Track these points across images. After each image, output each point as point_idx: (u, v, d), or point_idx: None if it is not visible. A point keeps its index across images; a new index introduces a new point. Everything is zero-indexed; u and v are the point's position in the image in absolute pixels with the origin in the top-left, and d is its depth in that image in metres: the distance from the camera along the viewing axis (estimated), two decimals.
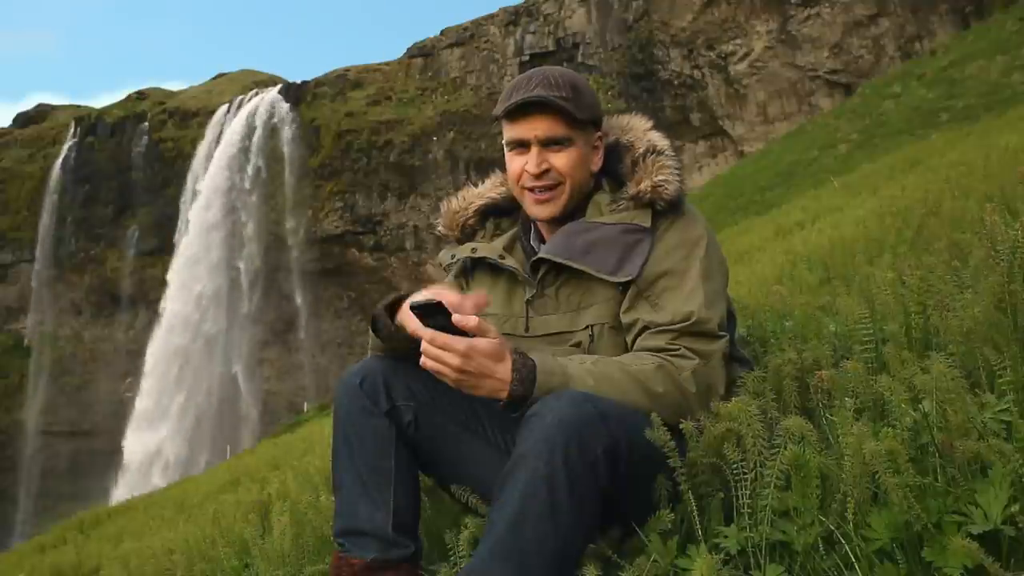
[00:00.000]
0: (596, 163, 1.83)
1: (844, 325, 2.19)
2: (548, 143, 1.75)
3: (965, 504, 1.25)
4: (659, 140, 1.83)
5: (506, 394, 1.50)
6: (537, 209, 1.80)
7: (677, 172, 1.77)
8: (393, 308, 1.79)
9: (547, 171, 1.76)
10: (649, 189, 1.74)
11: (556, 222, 1.82)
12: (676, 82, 39.75)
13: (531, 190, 1.78)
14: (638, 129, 1.86)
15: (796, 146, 26.15)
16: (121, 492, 33.95)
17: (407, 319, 1.68)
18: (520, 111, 1.75)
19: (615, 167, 1.84)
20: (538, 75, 1.77)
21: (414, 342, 1.60)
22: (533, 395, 1.50)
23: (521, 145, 1.77)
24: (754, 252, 8.73)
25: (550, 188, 1.77)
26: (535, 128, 1.74)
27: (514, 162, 1.79)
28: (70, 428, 45.93)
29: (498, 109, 1.79)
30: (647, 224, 1.73)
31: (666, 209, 1.74)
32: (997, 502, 1.22)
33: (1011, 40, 24.22)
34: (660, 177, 1.75)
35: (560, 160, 1.75)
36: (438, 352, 1.51)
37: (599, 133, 1.83)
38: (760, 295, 3.48)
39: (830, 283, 3.75)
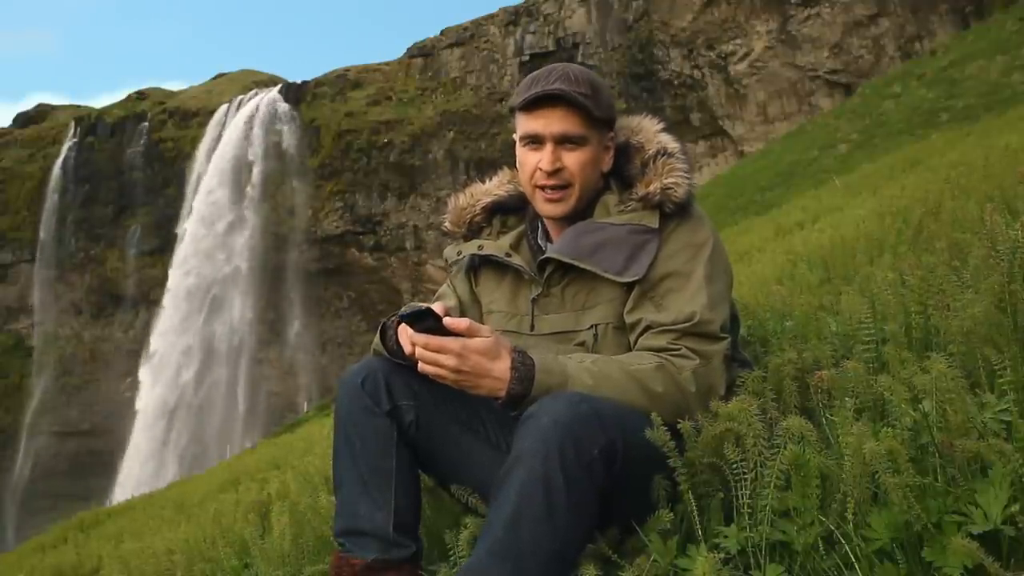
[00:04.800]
0: (607, 163, 1.82)
1: (845, 325, 2.19)
2: (563, 140, 1.75)
3: (965, 504, 1.25)
4: (670, 142, 1.82)
5: (504, 392, 1.51)
6: (547, 207, 1.80)
7: (687, 175, 1.76)
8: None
9: (560, 170, 1.75)
10: (659, 191, 1.74)
11: (564, 221, 1.82)
12: (676, 82, 39.75)
13: (542, 188, 1.78)
14: (648, 130, 1.85)
15: (796, 146, 26.15)
16: (121, 491, 33.94)
17: (401, 333, 1.68)
18: (538, 104, 1.74)
19: (624, 168, 1.83)
20: (559, 70, 1.76)
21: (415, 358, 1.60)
22: (531, 394, 1.50)
23: (535, 141, 1.77)
24: (754, 252, 8.72)
25: (561, 187, 1.76)
26: (552, 123, 1.74)
27: (528, 158, 1.79)
28: (70, 428, 45.95)
29: (515, 101, 1.78)
30: (655, 225, 1.73)
31: (674, 211, 1.74)
32: (997, 502, 1.22)
33: (1011, 40, 24.22)
34: (670, 179, 1.74)
35: (573, 160, 1.75)
36: (433, 356, 1.51)
37: (611, 134, 1.83)
38: (760, 295, 3.48)
39: (830, 283, 3.75)
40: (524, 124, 1.78)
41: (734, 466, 1.43)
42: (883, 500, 1.31)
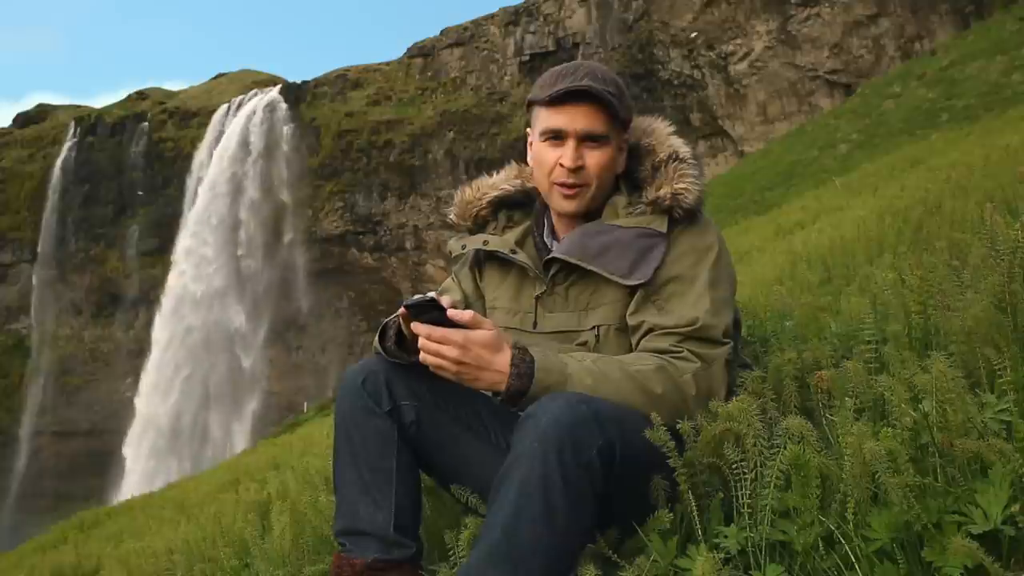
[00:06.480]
0: (621, 165, 1.81)
1: (845, 325, 2.19)
2: (586, 138, 1.73)
3: (965, 504, 1.25)
4: (681, 147, 1.81)
5: (504, 387, 1.51)
6: (564, 203, 1.78)
7: (697, 181, 1.75)
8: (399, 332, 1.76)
9: (580, 168, 1.74)
10: (668, 196, 1.73)
11: (572, 219, 1.82)
12: (676, 82, 39.76)
13: (560, 184, 1.76)
14: (660, 133, 1.84)
15: (796, 146, 26.17)
16: (122, 491, 33.93)
17: (404, 323, 1.68)
18: (564, 100, 1.72)
19: (634, 169, 1.82)
20: (584, 67, 1.75)
21: (416, 354, 1.60)
22: (531, 390, 1.50)
23: (557, 137, 1.75)
24: (754, 252, 8.73)
25: (579, 185, 1.75)
26: (576, 120, 1.72)
27: (548, 153, 1.76)
28: (70, 428, 45.93)
29: (539, 95, 1.76)
30: (663, 230, 1.72)
31: (683, 216, 1.74)
32: (997, 502, 1.22)
33: (1011, 40, 24.23)
34: (681, 185, 1.73)
35: (594, 159, 1.74)
36: (436, 346, 1.52)
37: (626, 135, 1.81)
38: (760, 295, 3.48)
39: (830, 283, 3.75)
40: (547, 119, 1.75)
41: (734, 466, 1.43)
42: (883, 500, 1.30)
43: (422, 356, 1.55)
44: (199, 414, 42.83)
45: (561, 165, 1.74)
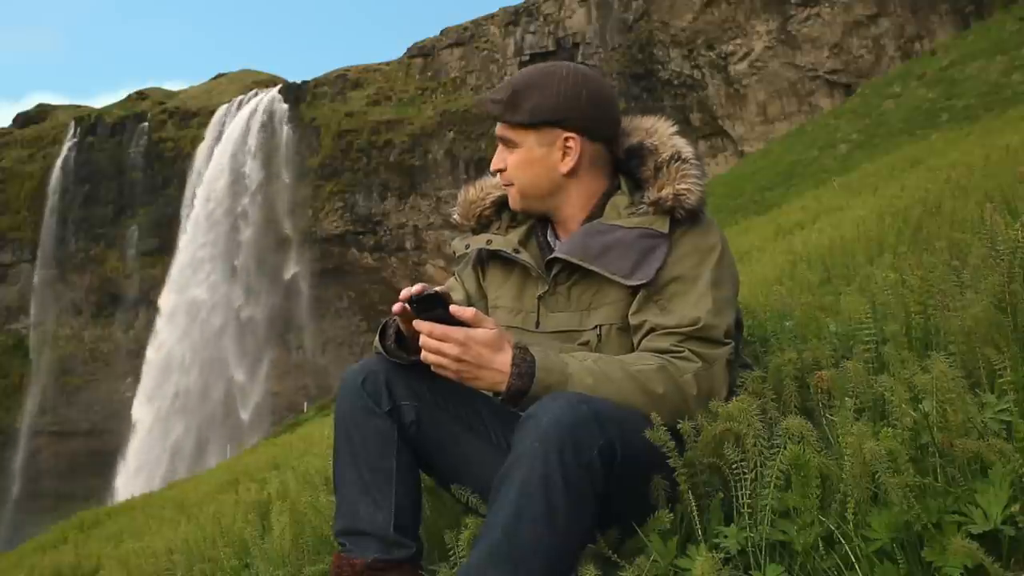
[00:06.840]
0: (564, 165, 1.79)
1: (845, 325, 2.19)
2: (504, 143, 1.84)
3: (965, 504, 1.25)
4: (684, 147, 1.81)
5: (505, 387, 1.51)
6: (509, 201, 1.90)
7: (700, 182, 1.76)
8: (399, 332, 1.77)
9: (501, 170, 1.85)
10: (671, 196, 1.73)
11: (568, 220, 1.84)
12: (676, 82, 39.78)
13: None
14: (663, 133, 1.84)
15: (796, 146, 26.20)
16: (122, 492, 33.91)
17: (404, 319, 1.68)
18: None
19: (636, 169, 1.83)
20: (513, 77, 1.86)
21: (416, 353, 1.61)
22: (532, 390, 1.50)
23: None
24: (754, 252, 8.73)
25: (507, 185, 1.86)
26: (498, 127, 1.85)
27: None
28: (70, 428, 45.95)
29: None
30: (665, 230, 1.73)
31: (685, 217, 1.74)
32: (997, 502, 1.22)
33: (1011, 40, 24.26)
34: (683, 185, 1.74)
35: (510, 161, 1.84)
36: (437, 344, 1.52)
37: (567, 135, 1.78)
38: (760, 295, 3.48)
39: (830, 283, 3.75)
40: None
41: (734, 466, 1.43)
42: (883, 500, 1.30)
43: (423, 354, 1.56)
44: (195, 462, 42.16)
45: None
